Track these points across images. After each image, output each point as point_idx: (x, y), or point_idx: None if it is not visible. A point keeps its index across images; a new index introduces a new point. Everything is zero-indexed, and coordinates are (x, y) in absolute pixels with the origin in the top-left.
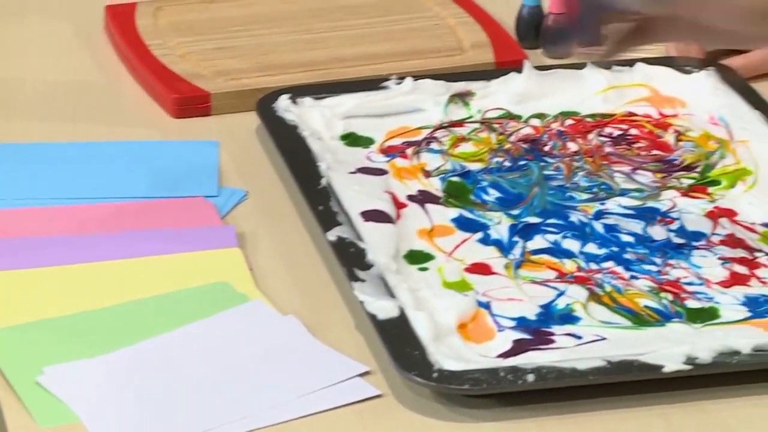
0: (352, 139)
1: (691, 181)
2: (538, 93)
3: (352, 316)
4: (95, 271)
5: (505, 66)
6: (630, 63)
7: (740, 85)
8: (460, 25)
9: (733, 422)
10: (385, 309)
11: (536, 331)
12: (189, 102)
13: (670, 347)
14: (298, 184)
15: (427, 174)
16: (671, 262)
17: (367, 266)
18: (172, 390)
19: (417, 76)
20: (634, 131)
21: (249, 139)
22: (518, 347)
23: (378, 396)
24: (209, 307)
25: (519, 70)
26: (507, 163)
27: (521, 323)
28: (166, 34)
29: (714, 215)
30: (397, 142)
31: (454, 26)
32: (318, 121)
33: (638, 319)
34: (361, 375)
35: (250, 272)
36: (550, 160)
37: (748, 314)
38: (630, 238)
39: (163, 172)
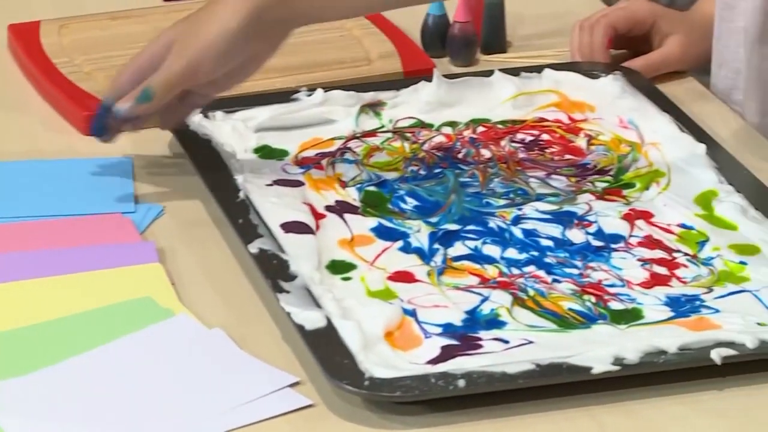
0: (266, 152)
1: (605, 185)
2: (448, 101)
3: (278, 328)
4: (16, 290)
5: (413, 75)
6: (538, 69)
7: (647, 88)
8: (365, 36)
9: (661, 420)
10: (312, 319)
11: (463, 336)
12: None
13: (598, 349)
14: (215, 197)
15: (344, 184)
16: (592, 264)
17: (291, 277)
18: (101, 407)
19: (327, 88)
20: (545, 137)
21: (162, 155)
22: (447, 353)
23: (309, 406)
24: (134, 322)
25: (428, 78)
26: (422, 172)
27: (448, 329)
28: (72, 52)
29: (630, 217)
30: (311, 153)
31: (359, 37)
32: (231, 134)
33: (563, 322)
34: (291, 385)
35: (173, 287)
36: (465, 168)
37: (671, 314)
38: (549, 243)
39: (78, 190)
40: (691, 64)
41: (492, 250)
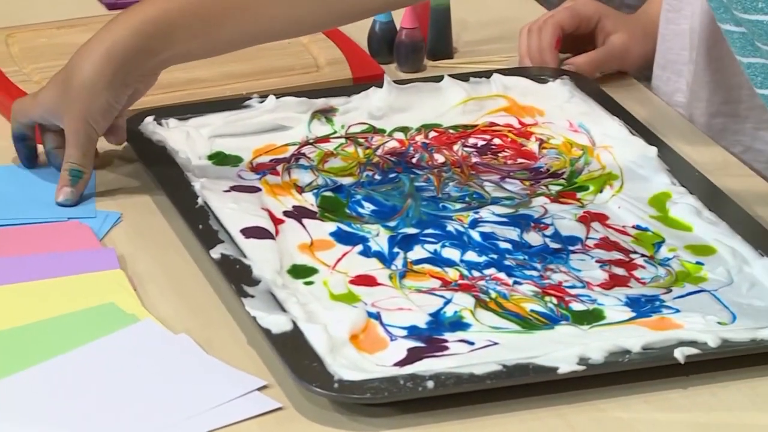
0: (220, 159)
1: (559, 188)
2: (399, 107)
3: (243, 332)
4: None
5: (362, 81)
6: (487, 74)
7: (596, 92)
8: (313, 43)
9: (628, 419)
10: (279, 323)
11: (429, 338)
12: None
13: (563, 349)
14: (174, 204)
15: (300, 190)
16: (551, 266)
17: (255, 282)
18: (69, 413)
19: (279, 94)
20: (497, 141)
21: (117, 162)
22: (413, 355)
23: (278, 409)
24: (99, 328)
25: (378, 84)
26: (377, 177)
27: (413, 332)
28: (21, 61)
29: (586, 220)
30: (265, 159)
31: (307, 44)
32: (185, 141)
33: (526, 323)
34: (260, 389)
35: (135, 293)
36: (419, 172)
37: (633, 314)
38: (508, 245)
39: (37, 198)
40: (632, 65)
41: (451, 253)
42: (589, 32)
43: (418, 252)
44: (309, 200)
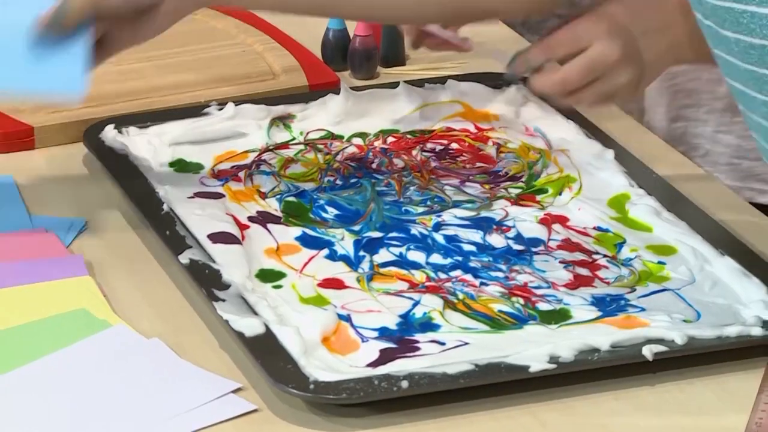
0: (181, 166)
1: (518, 191)
2: (356, 113)
3: (215, 336)
4: None
5: (318, 88)
6: (441, 80)
7: (550, 97)
8: (267, 51)
9: (598, 415)
10: (251, 326)
11: (400, 339)
12: (12, 137)
13: (533, 348)
14: (140, 211)
15: (263, 195)
16: (516, 267)
17: (225, 286)
18: (44, 419)
19: (237, 102)
20: (455, 145)
21: (78, 170)
22: (386, 356)
23: (254, 411)
24: (71, 334)
25: (335, 91)
26: (339, 182)
27: (384, 333)
28: None
29: (547, 222)
30: (226, 166)
31: (262, 52)
32: (146, 149)
33: (495, 323)
34: (234, 391)
35: (106, 299)
36: (380, 177)
37: (599, 313)
38: (472, 248)
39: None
40: None
41: (417, 255)
42: None
43: (383, 255)
44: (273, 205)
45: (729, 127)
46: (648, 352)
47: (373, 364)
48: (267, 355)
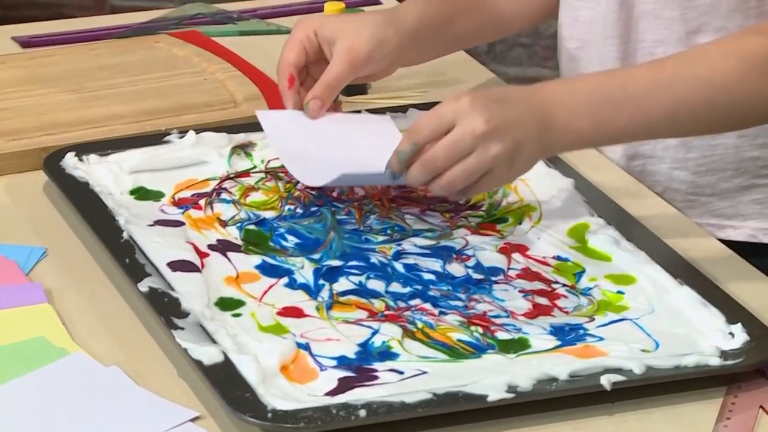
0: (141, 194)
1: (479, 220)
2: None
3: (173, 364)
4: None
5: None
6: (403, 109)
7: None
8: (229, 79)
9: None
10: (210, 354)
11: (359, 368)
12: None
13: (491, 377)
14: (99, 238)
15: (224, 223)
16: (475, 296)
17: (184, 314)
18: None
19: (198, 130)
20: None
21: (38, 198)
22: (344, 385)
23: None
24: (29, 362)
25: None
26: (299, 210)
27: (342, 362)
28: None
29: (507, 251)
30: (187, 194)
31: (224, 80)
32: (107, 177)
33: (454, 352)
34: (192, 420)
35: (64, 327)
36: (341, 205)
37: (558, 343)
38: (431, 276)
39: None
40: (387, 65)
41: (376, 284)
42: (317, 50)
43: (343, 284)
44: (233, 234)
45: (683, 164)
46: (606, 381)
47: (332, 393)
48: (225, 383)
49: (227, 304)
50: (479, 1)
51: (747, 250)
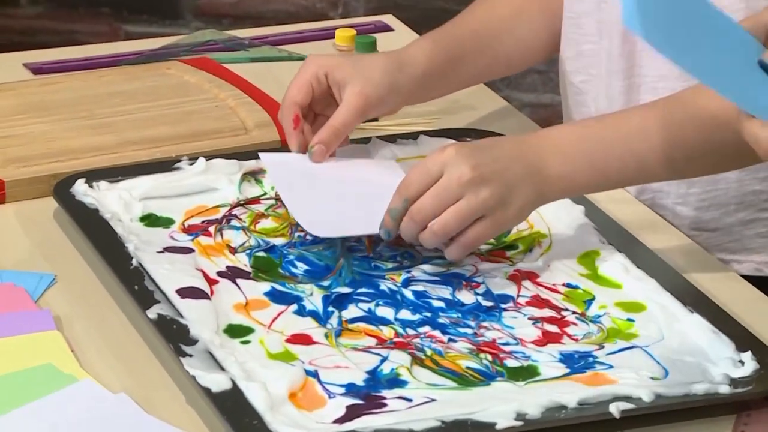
0: (151, 220)
1: (488, 247)
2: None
3: (182, 392)
4: None
5: None
6: (413, 136)
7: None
8: (240, 106)
9: None
10: (218, 382)
11: (367, 396)
12: None
13: (499, 405)
14: (109, 265)
15: (233, 250)
16: (484, 324)
17: (192, 341)
18: None
19: (208, 156)
20: None
21: (48, 224)
22: (352, 412)
23: None
24: (38, 389)
25: None
26: (309, 237)
27: (351, 389)
28: None
29: (517, 278)
30: (197, 221)
31: (234, 107)
32: (116, 203)
33: (463, 380)
34: None
35: (73, 354)
36: None
37: (567, 370)
38: (441, 303)
39: None
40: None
41: (385, 311)
42: (326, 91)
43: (352, 311)
44: (242, 261)
45: (685, 199)
46: (615, 409)
47: (340, 421)
48: (233, 411)
49: (236, 331)
50: (487, 41)
51: (753, 284)
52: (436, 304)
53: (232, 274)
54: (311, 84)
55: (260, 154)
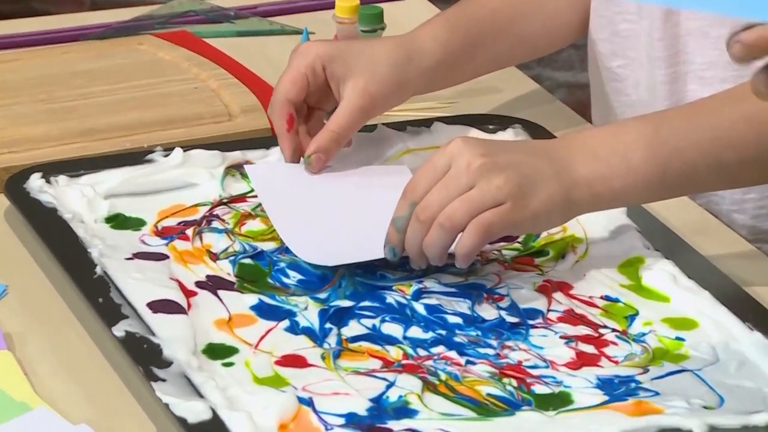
0: (119, 221)
1: (514, 253)
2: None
3: (153, 422)
4: None
5: None
6: (426, 123)
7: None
8: (224, 88)
9: None
10: (195, 411)
11: (371, 427)
12: None
13: None
14: (68, 274)
15: (214, 257)
16: (509, 343)
17: (166, 363)
18: None
19: (186, 147)
20: None
21: (0, 226)
22: None
23: None
24: None
25: None
26: None
27: (351, 420)
28: None
29: (547, 290)
30: (172, 222)
31: (217, 89)
32: (78, 201)
33: (483, 409)
34: None
35: (26, 377)
36: None
37: (605, 398)
38: (458, 319)
39: None
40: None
41: (393, 328)
42: (322, 85)
43: (353, 328)
44: (225, 269)
45: (741, 206)
46: None
47: None
48: None
49: (217, 352)
50: (508, 21)
51: None
52: (452, 320)
53: (213, 284)
54: (306, 77)
55: (246, 167)
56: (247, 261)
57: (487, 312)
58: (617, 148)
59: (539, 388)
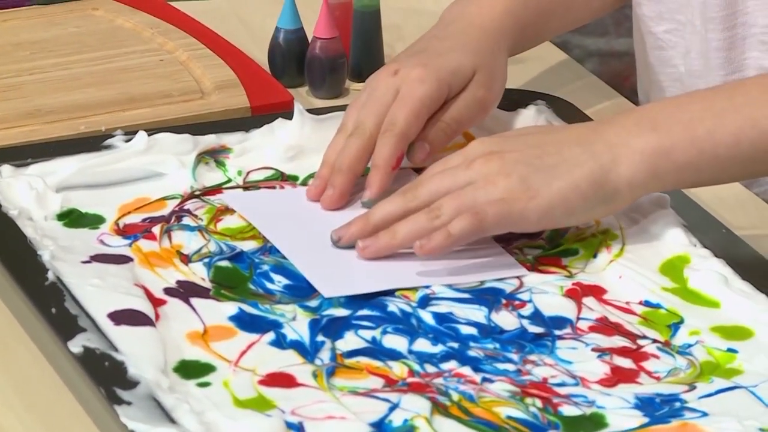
0: (73, 218)
1: (537, 252)
2: (314, 145)
3: None
4: None
5: (264, 112)
6: None
7: (581, 119)
8: (194, 60)
9: None
10: None
11: None
12: None
13: None
14: (15, 280)
15: (186, 259)
16: (532, 357)
17: (131, 384)
18: None
19: (151, 130)
20: None
21: None
22: None
23: None
24: None
25: (286, 115)
26: None
27: None
28: None
29: (576, 294)
30: (136, 218)
31: (186, 62)
32: (25, 195)
33: None
34: None
35: None
36: None
37: (645, 420)
38: (472, 330)
39: None
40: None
41: (396, 341)
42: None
43: (350, 341)
44: (199, 273)
45: None
46: None
47: None
48: None
49: (191, 370)
50: None
51: None
52: (466, 330)
53: (185, 291)
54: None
55: (225, 197)
56: (225, 264)
57: (507, 321)
58: (680, 118)
59: (568, 410)
